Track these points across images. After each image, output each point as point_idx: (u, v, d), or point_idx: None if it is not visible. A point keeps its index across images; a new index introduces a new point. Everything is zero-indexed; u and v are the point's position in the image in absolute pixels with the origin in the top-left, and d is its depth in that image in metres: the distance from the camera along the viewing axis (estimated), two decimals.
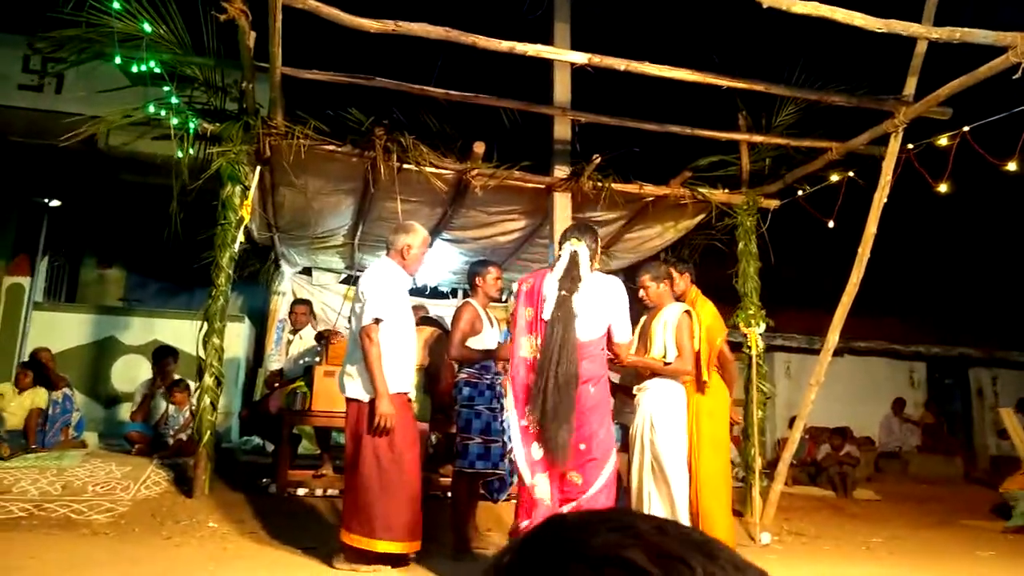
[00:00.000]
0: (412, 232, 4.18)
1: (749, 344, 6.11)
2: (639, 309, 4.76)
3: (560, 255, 3.78)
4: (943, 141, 4.94)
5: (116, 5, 4.30)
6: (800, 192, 6.27)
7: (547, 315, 3.61)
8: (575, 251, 3.72)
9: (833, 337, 5.47)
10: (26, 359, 7.37)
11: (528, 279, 3.85)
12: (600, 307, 3.67)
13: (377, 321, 3.86)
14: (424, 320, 6.23)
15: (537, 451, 3.55)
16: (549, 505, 3.51)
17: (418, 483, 4.02)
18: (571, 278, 3.65)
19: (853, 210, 5.63)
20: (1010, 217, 12.27)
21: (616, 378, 5.35)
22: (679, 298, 4.68)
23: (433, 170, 5.62)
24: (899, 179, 5.20)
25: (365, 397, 3.89)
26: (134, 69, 4.71)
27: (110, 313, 9.28)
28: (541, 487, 3.54)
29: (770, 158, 6.32)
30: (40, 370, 6.70)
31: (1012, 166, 4.66)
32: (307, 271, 9.35)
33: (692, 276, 4.99)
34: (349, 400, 3.98)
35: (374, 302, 3.90)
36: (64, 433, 6.61)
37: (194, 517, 4.63)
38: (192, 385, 6.55)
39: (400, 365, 3.98)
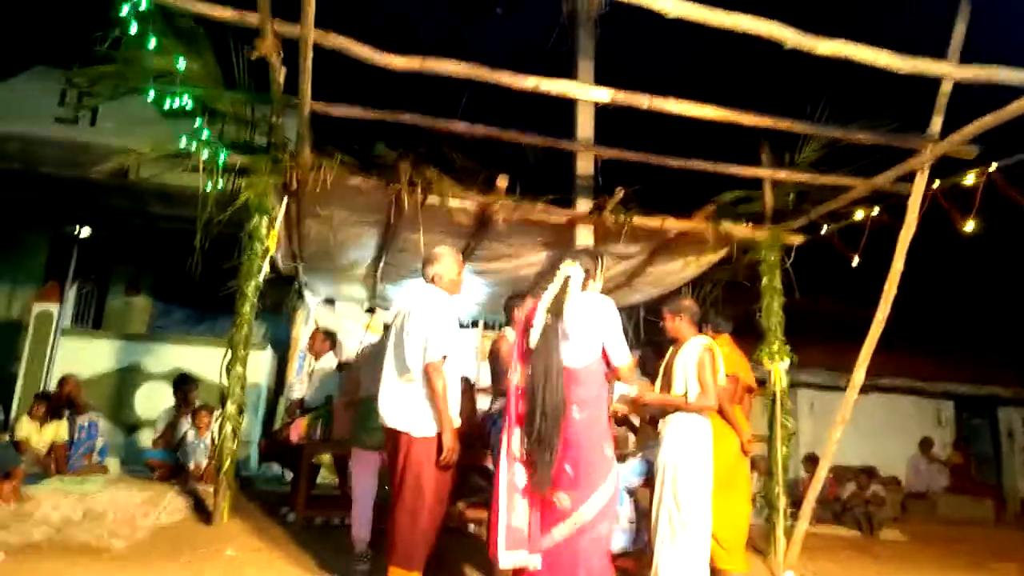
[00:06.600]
0: (440, 258, 4.10)
1: (773, 379, 6.03)
2: (664, 342, 4.78)
3: (554, 280, 3.70)
4: (970, 179, 4.88)
5: (152, 43, 4.40)
6: (824, 228, 6.22)
7: (533, 343, 3.58)
8: (568, 275, 3.66)
9: (859, 374, 5.37)
10: (53, 385, 7.46)
11: (525, 307, 3.80)
12: (589, 330, 3.57)
13: (444, 357, 3.79)
14: None
15: (521, 477, 3.49)
16: (526, 535, 3.43)
17: None
18: (557, 303, 3.61)
19: (881, 243, 5.55)
20: None
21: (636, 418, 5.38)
22: None
23: (457, 203, 5.67)
24: (928, 214, 5.10)
25: (416, 431, 3.77)
26: (167, 104, 4.81)
27: (135, 340, 9.41)
28: (519, 514, 3.46)
29: (794, 194, 6.27)
30: (56, 401, 6.74)
31: None
32: (330, 301, 9.42)
33: (719, 329, 5.26)
34: (398, 432, 3.80)
35: (441, 338, 3.79)
36: (87, 459, 6.66)
37: (212, 544, 4.62)
38: (215, 412, 6.60)
39: (456, 400, 3.91)
